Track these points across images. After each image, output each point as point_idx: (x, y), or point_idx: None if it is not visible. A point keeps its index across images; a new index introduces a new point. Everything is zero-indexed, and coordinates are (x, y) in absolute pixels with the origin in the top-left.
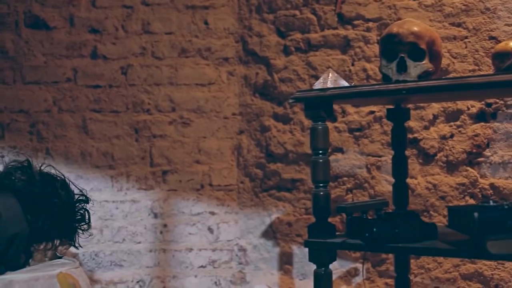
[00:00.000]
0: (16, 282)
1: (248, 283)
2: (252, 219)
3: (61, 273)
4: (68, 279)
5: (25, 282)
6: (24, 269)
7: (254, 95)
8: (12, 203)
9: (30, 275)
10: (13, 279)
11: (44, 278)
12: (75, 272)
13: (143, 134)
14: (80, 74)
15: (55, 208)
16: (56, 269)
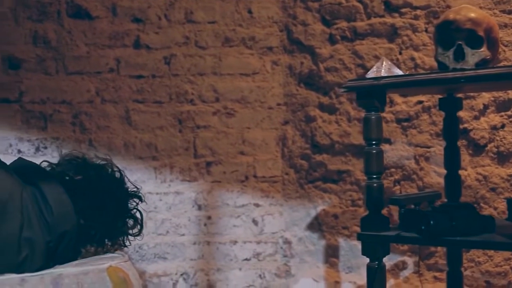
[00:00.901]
0: (65, 275)
1: (293, 276)
2: (297, 211)
3: (111, 267)
4: (118, 273)
5: (75, 276)
6: (73, 263)
7: (299, 85)
8: (63, 199)
9: (79, 268)
10: (62, 272)
11: (94, 272)
12: (125, 266)
13: (186, 125)
14: (123, 64)
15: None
16: (105, 263)
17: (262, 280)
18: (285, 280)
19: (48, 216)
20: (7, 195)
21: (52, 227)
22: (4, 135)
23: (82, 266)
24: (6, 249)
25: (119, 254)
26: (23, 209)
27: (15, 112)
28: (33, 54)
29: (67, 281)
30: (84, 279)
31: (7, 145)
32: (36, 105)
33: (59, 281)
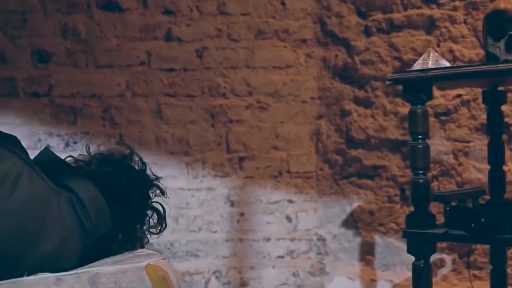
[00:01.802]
0: (102, 274)
1: (327, 274)
2: (331, 208)
3: (149, 265)
4: (157, 271)
5: (112, 275)
6: (109, 261)
7: (333, 78)
8: (101, 204)
9: (116, 267)
10: (99, 271)
11: (132, 271)
12: (163, 264)
13: (219, 119)
14: (154, 57)
15: (136, 211)
16: (143, 261)
17: (295, 278)
18: (319, 278)
19: (86, 223)
20: (45, 208)
21: (90, 233)
22: (33, 130)
23: (119, 264)
24: (46, 264)
25: (155, 251)
26: (63, 219)
27: (44, 106)
28: (62, 47)
29: (105, 280)
30: (122, 278)
31: (36, 140)
32: (66, 99)
33: (96, 280)
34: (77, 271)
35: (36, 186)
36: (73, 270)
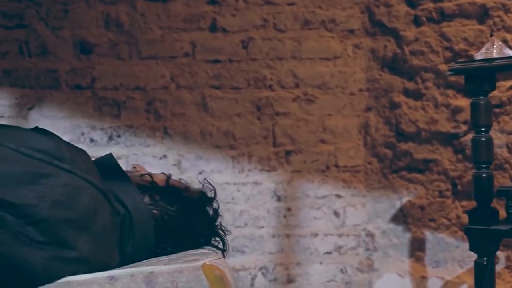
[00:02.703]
0: (158, 274)
1: (376, 271)
2: (380, 203)
3: (205, 265)
4: (214, 271)
5: (169, 274)
6: (164, 260)
7: (382, 69)
8: (149, 236)
9: (172, 266)
10: (154, 270)
11: (188, 270)
12: (220, 263)
13: (265, 111)
14: (198, 48)
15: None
16: (199, 260)
17: (343, 274)
18: (368, 275)
19: (127, 246)
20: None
21: (128, 256)
22: (76, 123)
23: (175, 263)
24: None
25: (210, 250)
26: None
27: (87, 99)
28: (105, 38)
29: (161, 280)
30: (178, 277)
31: (79, 134)
32: (109, 91)
33: (152, 280)
34: (131, 269)
35: (106, 216)
36: (126, 269)
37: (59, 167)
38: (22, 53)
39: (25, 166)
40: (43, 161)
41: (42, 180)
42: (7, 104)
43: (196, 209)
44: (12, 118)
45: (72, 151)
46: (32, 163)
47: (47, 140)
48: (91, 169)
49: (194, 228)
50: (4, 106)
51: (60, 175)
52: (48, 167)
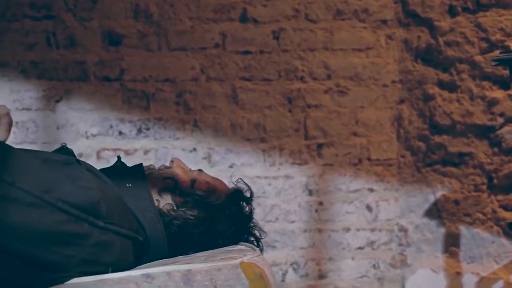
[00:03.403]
0: (196, 272)
1: (409, 267)
2: (414, 197)
3: (244, 262)
4: (254, 268)
5: (207, 272)
6: (200, 257)
7: (415, 60)
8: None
9: (210, 264)
10: (192, 268)
11: (227, 268)
12: (258, 261)
13: (296, 104)
14: (229, 39)
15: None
16: (237, 257)
17: (376, 270)
18: (401, 271)
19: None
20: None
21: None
22: (105, 115)
23: (212, 261)
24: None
25: (247, 247)
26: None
27: (116, 91)
28: (134, 29)
29: (199, 278)
30: (217, 275)
31: (107, 127)
32: (138, 83)
33: (190, 278)
34: (168, 267)
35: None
36: (162, 266)
37: (94, 225)
38: (50, 44)
39: (61, 224)
40: (79, 218)
41: (75, 241)
42: (34, 97)
43: (222, 214)
44: (39, 110)
45: (109, 199)
46: (68, 221)
47: (86, 193)
48: (123, 214)
49: (217, 236)
50: (32, 98)
51: (93, 234)
52: (84, 226)
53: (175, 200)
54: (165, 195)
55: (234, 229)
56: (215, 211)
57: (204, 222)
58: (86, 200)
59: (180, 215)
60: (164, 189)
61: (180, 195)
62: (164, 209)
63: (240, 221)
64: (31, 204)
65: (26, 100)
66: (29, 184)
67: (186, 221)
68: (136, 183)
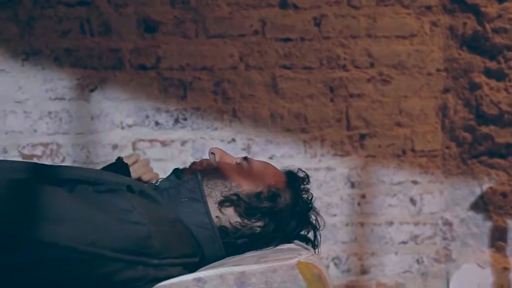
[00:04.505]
0: (251, 274)
1: (454, 261)
2: (459, 189)
3: (301, 262)
4: (312, 269)
5: (262, 274)
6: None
7: (461, 48)
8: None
9: (264, 265)
10: (246, 270)
11: (283, 269)
12: (315, 261)
13: (338, 93)
14: (268, 26)
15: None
16: (292, 257)
17: (419, 265)
18: (445, 266)
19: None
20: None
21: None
22: (140, 105)
23: (266, 261)
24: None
25: (298, 246)
26: None
27: (152, 80)
28: (170, 16)
29: (254, 280)
30: (273, 277)
31: (143, 117)
32: (175, 72)
33: (244, 281)
34: (220, 270)
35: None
36: (214, 269)
37: (148, 265)
38: (84, 31)
39: (115, 274)
40: (132, 262)
41: (132, 284)
42: (68, 86)
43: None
44: (73, 100)
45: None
46: (122, 268)
47: (136, 231)
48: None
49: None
50: (65, 87)
51: (149, 274)
52: (138, 269)
53: (239, 211)
54: (226, 209)
55: (300, 228)
56: (283, 214)
57: (273, 231)
58: (136, 240)
59: (245, 232)
60: (224, 202)
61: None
62: (229, 227)
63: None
64: (80, 261)
65: (60, 89)
66: (72, 238)
67: (253, 234)
68: (192, 196)
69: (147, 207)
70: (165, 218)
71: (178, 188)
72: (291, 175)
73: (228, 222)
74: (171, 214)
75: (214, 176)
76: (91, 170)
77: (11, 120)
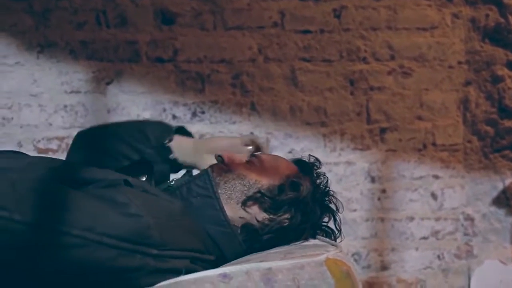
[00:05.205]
0: (277, 270)
1: (475, 257)
2: (480, 184)
3: (329, 259)
4: (340, 266)
5: (289, 271)
6: (278, 253)
7: (483, 40)
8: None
9: (291, 262)
10: (272, 266)
11: (311, 266)
12: (344, 257)
13: (359, 86)
14: (287, 18)
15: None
16: (320, 254)
17: (440, 261)
18: (466, 262)
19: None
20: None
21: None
22: (158, 98)
23: (293, 257)
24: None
25: (324, 241)
26: None
27: (169, 72)
28: (188, 7)
29: (281, 277)
30: (300, 274)
31: (160, 110)
32: (192, 64)
33: (271, 277)
34: (246, 266)
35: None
36: (240, 265)
37: (146, 255)
38: (100, 23)
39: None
40: (129, 250)
41: (129, 275)
42: (83, 79)
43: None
44: (89, 93)
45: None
46: (118, 256)
47: (133, 221)
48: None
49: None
50: (81, 80)
51: (148, 264)
52: (135, 257)
53: (264, 207)
54: (250, 207)
55: (323, 214)
56: (308, 203)
57: (301, 222)
58: (134, 230)
59: (274, 227)
60: (247, 201)
61: (270, 202)
62: (256, 225)
63: (327, 204)
64: (74, 246)
65: (75, 82)
66: (69, 224)
67: (282, 228)
68: (203, 193)
69: (145, 200)
70: (167, 211)
71: (189, 185)
72: (302, 162)
73: (254, 220)
74: (177, 208)
75: (230, 178)
76: (95, 170)
77: (26, 113)
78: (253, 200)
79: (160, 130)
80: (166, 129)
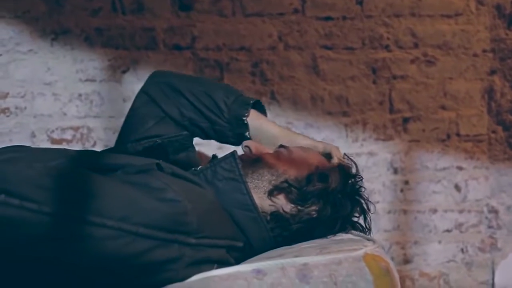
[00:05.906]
0: (313, 266)
1: (499, 251)
2: (505, 175)
3: (368, 255)
4: (379, 262)
5: (325, 266)
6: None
7: (508, 28)
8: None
9: (328, 257)
10: (308, 262)
11: (348, 261)
12: (382, 253)
13: (381, 74)
14: (308, 4)
15: None
16: (357, 249)
17: (464, 254)
18: (490, 255)
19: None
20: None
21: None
22: None
23: (329, 253)
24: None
25: (359, 236)
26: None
27: (187, 60)
28: None
29: (317, 273)
30: (337, 270)
31: None
32: (211, 52)
33: (307, 274)
34: (281, 261)
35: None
36: (274, 260)
37: (184, 244)
38: (116, 9)
39: (147, 252)
40: (167, 240)
41: (167, 266)
42: (99, 67)
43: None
44: (104, 82)
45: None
46: (155, 247)
47: (171, 207)
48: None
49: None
50: (96, 69)
51: (185, 255)
52: (173, 247)
53: (291, 198)
54: (277, 197)
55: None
56: (336, 195)
57: (331, 215)
58: (171, 217)
59: (303, 217)
60: (273, 190)
61: (297, 192)
62: (283, 214)
63: (357, 199)
64: (108, 238)
65: (90, 70)
66: (102, 214)
67: (311, 219)
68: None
69: (181, 185)
70: (202, 197)
71: (214, 168)
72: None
73: (281, 209)
74: (209, 194)
75: (258, 167)
76: (117, 156)
77: (39, 103)
78: (280, 190)
79: (234, 100)
80: (242, 101)
